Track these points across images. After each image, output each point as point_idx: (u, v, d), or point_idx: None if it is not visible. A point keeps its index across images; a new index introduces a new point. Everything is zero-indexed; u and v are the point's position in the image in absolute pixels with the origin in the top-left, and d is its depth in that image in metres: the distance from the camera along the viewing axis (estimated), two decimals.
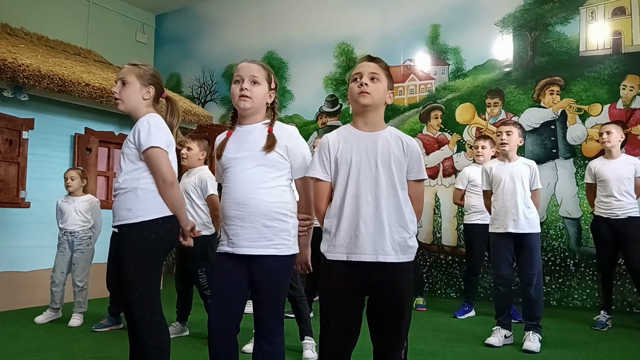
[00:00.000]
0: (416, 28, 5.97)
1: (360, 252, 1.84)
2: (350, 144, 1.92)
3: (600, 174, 4.07)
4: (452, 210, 5.59)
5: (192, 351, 3.29)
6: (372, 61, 1.95)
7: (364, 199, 1.85)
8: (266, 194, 1.96)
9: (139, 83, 2.28)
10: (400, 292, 1.87)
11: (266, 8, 7.11)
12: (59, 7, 6.76)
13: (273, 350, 1.96)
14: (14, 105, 4.58)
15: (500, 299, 3.55)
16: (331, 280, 1.91)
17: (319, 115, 6.48)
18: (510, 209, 3.44)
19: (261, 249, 1.94)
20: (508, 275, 3.51)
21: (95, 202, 4.18)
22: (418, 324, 4.14)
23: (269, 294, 1.96)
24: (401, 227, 1.86)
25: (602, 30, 5.02)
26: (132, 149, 2.21)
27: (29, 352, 3.21)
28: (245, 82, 2.00)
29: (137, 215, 2.15)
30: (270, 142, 1.98)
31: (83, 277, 4.07)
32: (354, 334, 1.91)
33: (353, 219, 1.86)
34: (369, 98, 1.89)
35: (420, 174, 1.92)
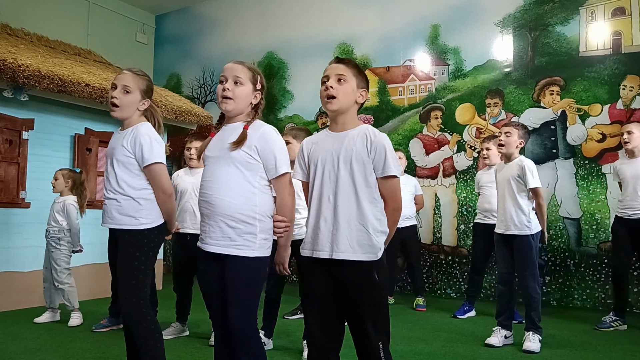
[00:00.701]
0: (416, 28, 5.97)
1: (320, 249, 1.89)
2: (321, 145, 1.97)
3: (620, 173, 4.12)
4: (452, 211, 5.59)
5: (192, 351, 3.29)
6: (339, 62, 1.98)
7: (325, 197, 1.90)
8: (232, 195, 1.95)
9: (140, 95, 2.37)
10: (361, 293, 1.85)
11: (266, 8, 7.12)
12: (59, 7, 6.76)
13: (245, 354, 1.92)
14: (14, 106, 4.58)
15: (500, 297, 3.57)
16: (303, 276, 2.00)
17: (319, 116, 6.49)
18: (501, 210, 3.53)
19: (223, 247, 1.95)
20: (506, 273, 3.53)
21: (67, 204, 4.09)
22: (418, 324, 4.15)
23: (233, 294, 1.94)
24: (361, 225, 1.85)
25: (602, 30, 5.02)
26: (130, 159, 2.30)
27: (29, 352, 3.21)
28: (228, 83, 2.02)
29: (140, 223, 2.29)
30: (240, 138, 1.97)
31: (57, 276, 4.01)
32: (335, 328, 1.92)
33: (316, 217, 1.91)
34: (335, 103, 1.92)
35: (386, 171, 1.87)
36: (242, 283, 1.95)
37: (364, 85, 1.99)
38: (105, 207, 2.36)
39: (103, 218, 2.38)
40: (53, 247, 4.07)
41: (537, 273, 3.43)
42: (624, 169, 4.08)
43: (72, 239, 4.13)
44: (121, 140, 2.33)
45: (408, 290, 5.56)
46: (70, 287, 4.07)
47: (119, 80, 2.35)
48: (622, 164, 4.14)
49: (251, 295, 1.97)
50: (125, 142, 2.30)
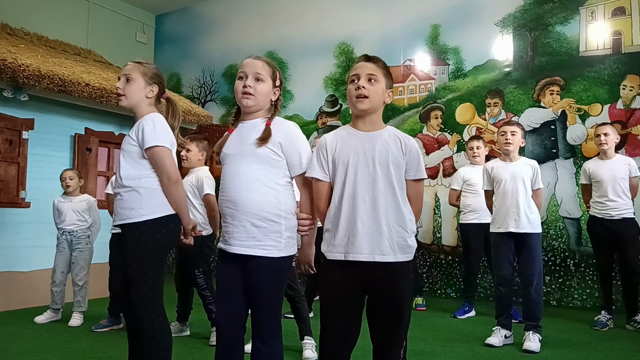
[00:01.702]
0: (416, 28, 5.96)
1: (357, 252, 1.83)
2: (348, 144, 1.90)
3: (595, 175, 4.08)
4: (452, 210, 5.58)
5: (192, 351, 3.29)
6: (369, 61, 1.93)
7: (361, 198, 1.84)
8: (257, 193, 1.91)
9: (143, 81, 2.29)
10: (398, 292, 1.87)
11: (266, 8, 7.11)
12: (59, 7, 6.76)
13: (269, 352, 1.93)
14: (14, 105, 4.59)
15: (500, 299, 3.54)
16: (330, 280, 1.90)
17: (319, 115, 6.48)
18: (512, 208, 3.44)
19: (249, 249, 1.90)
20: (508, 275, 3.51)
21: (92, 202, 4.20)
22: (418, 324, 4.14)
23: (261, 294, 1.93)
24: (400, 227, 1.85)
25: (602, 30, 5.02)
26: (133, 146, 2.22)
27: (29, 352, 3.21)
28: (248, 79, 1.98)
29: (140, 214, 2.17)
30: (265, 134, 1.93)
31: (83, 276, 4.08)
32: (353, 334, 1.90)
33: (350, 219, 1.85)
34: (366, 103, 1.88)
35: (419, 174, 1.89)
36: (269, 285, 1.93)
37: (391, 85, 1.97)
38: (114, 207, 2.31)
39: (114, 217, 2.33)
40: (82, 246, 4.10)
41: (542, 271, 3.45)
42: (600, 171, 4.05)
43: (94, 235, 4.21)
44: (129, 133, 2.28)
45: None
46: (87, 285, 4.14)
47: (121, 71, 2.33)
48: (596, 166, 4.10)
49: (277, 296, 1.96)
50: (132, 131, 2.25)
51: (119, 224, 2.23)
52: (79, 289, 4.08)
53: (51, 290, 4.10)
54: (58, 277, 4.09)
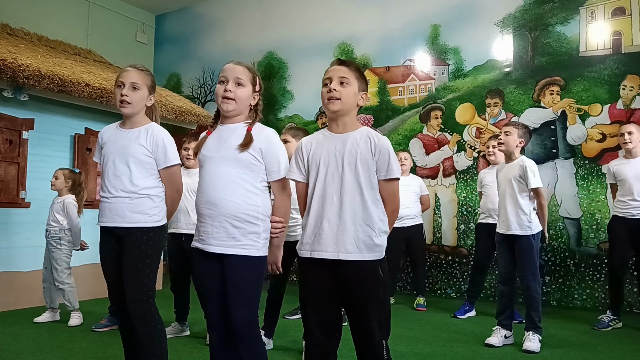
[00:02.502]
0: (416, 28, 5.96)
1: (322, 250, 1.88)
2: (322, 145, 1.97)
3: (619, 174, 4.08)
4: (452, 211, 5.59)
5: (192, 351, 3.29)
6: (342, 65, 1.98)
7: (329, 198, 1.89)
8: (237, 195, 1.97)
9: (147, 90, 2.39)
10: (364, 290, 1.88)
11: (266, 8, 7.11)
12: (59, 7, 6.76)
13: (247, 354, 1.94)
14: (14, 105, 4.58)
15: (501, 296, 3.57)
16: (303, 278, 1.98)
17: (319, 115, 6.48)
18: (502, 210, 3.52)
19: (229, 248, 1.96)
20: (506, 273, 3.53)
21: (67, 203, 4.09)
22: (418, 324, 4.15)
23: (237, 294, 1.95)
24: (367, 226, 1.87)
25: (602, 30, 5.02)
26: (149, 158, 2.32)
27: (28, 352, 3.21)
28: (229, 84, 2.02)
29: (154, 220, 2.30)
30: (246, 141, 1.99)
31: (58, 276, 4.01)
32: (334, 330, 1.93)
33: (318, 218, 1.90)
34: (337, 104, 1.92)
35: (390, 173, 1.91)
36: (247, 282, 1.96)
37: (365, 87, 2.00)
38: (109, 206, 2.30)
39: (106, 217, 2.31)
40: (54, 247, 4.06)
41: (537, 273, 3.43)
42: (623, 170, 4.05)
43: (73, 237, 4.12)
44: (135, 139, 2.32)
45: (408, 290, 5.56)
46: (71, 287, 4.07)
47: (125, 77, 2.34)
48: (620, 165, 4.11)
49: (254, 294, 1.99)
50: (144, 141, 2.32)
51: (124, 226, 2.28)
52: (58, 289, 4.04)
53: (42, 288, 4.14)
54: (44, 273, 4.13)
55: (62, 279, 4.03)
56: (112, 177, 2.32)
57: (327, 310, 1.92)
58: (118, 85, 2.36)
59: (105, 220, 2.33)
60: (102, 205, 2.35)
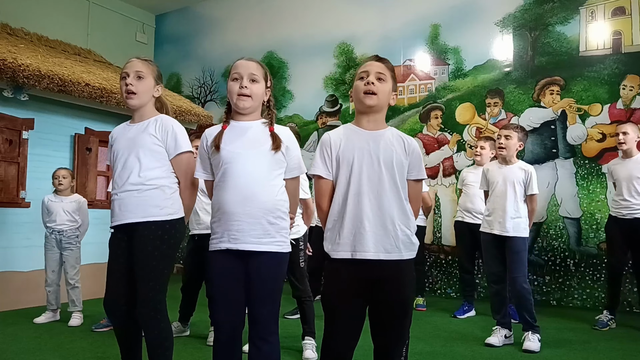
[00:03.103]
0: (416, 28, 5.96)
1: (365, 250, 1.83)
2: (353, 142, 1.90)
3: (614, 173, 4.12)
4: (452, 210, 5.58)
5: (192, 351, 3.29)
6: (379, 61, 1.94)
7: (367, 197, 1.84)
8: (271, 191, 1.99)
9: (153, 79, 2.30)
10: (404, 290, 1.88)
11: (266, 8, 7.11)
12: (59, 7, 6.76)
13: (270, 349, 1.95)
14: (14, 105, 4.58)
15: (494, 296, 3.57)
16: (336, 279, 1.89)
17: (319, 115, 6.48)
18: (499, 211, 3.48)
19: (265, 245, 1.95)
20: (498, 272, 3.53)
21: (82, 202, 4.17)
22: (418, 324, 4.14)
23: (269, 291, 1.96)
24: (404, 225, 1.87)
25: (602, 30, 5.02)
26: (160, 147, 2.22)
27: (28, 352, 3.21)
28: (244, 80, 2.00)
29: (167, 213, 2.18)
30: (278, 142, 2.00)
31: (74, 275, 4.07)
32: (357, 333, 1.90)
33: (356, 217, 1.84)
34: (374, 99, 1.88)
35: (420, 174, 1.93)
36: (277, 278, 1.99)
37: (396, 88, 1.99)
38: (119, 202, 2.20)
39: (115, 215, 2.21)
40: (73, 245, 4.09)
41: (527, 274, 3.46)
42: (618, 169, 4.08)
43: (82, 235, 4.21)
44: (145, 130, 2.23)
45: None
46: (79, 285, 4.13)
47: (129, 67, 2.26)
48: (615, 165, 4.14)
49: (280, 292, 2.03)
50: (153, 131, 2.22)
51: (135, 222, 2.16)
52: (72, 288, 4.07)
53: (46, 291, 4.08)
54: (50, 276, 4.07)
55: (77, 277, 4.10)
56: (122, 172, 2.22)
57: (356, 313, 1.87)
58: (123, 77, 2.26)
59: (116, 218, 2.21)
60: (112, 204, 2.25)
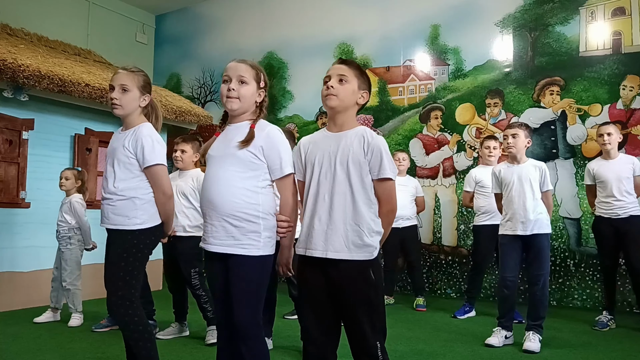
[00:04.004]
0: (416, 28, 5.96)
1: (313, 248, 1.90)
2: (319, 144, 1.98)
3: (600, 175, 4.08)
4: (452, 211, 5.58)
5: (192, 351, 3.29)
6: (342, 63, 1.99)
7: (321, 197, 1.91)
8: (236, 194, 1.95)
9: (137, 91, 2.38)
10: (355, 291, 1.87)
11: (266, 8, 7.12)
12: (59, 7, 6.76)
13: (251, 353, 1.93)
14: (14, 106, 4.58)
15: (504, 301, 3.53)
16: (298, 275, 2.00)
17: (319, 116, 6.48)
18: (519, 211, 3.43)
19: (228, 247, 1.95)
20: (513, 278, 3.49)
21: (73, 203, 4.10)
22: (418, 324, 4.15)
23: (239, 293, 1.94)
24: (356, 225, 1.87)
25: (602, 30, 5.02)
26: (130, 159, 2.31)
27: (29, 352, 3.21)
28: (232, 82, 2.01)
29: (134, 223, 2.29)
30: (248, 137, 1.98)
31: (66, 277, 4.03)
32: (331, 326, 1.92)
33: (311, 216, 1.92)
34: (334, 100, 1.94)
35: (382, 173, 1.89)
36: (247, 282, 1.95)
37: (366, 87, 2.00)
38: (102, 208, 2.38)
39: (101, 218, 2.40)
40: (64, 247, 4.09)
41: (549, 273, 3.46)
42: (603, 171, 4.05)
43: (84, 236, 4.15)
44: (122, 141, 2.34)
45: (408, 290, 5.56)
46: (77, 290, 4.09)
47: (115, 80, 2.37)
48: (600, 166, 4.09)
49: (256, 294, 1.98)
50: (127, 142, 2.32)
51: (109, 228, 2.35)
52: (66, 291, 4.05)
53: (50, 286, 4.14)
54: (54, 272, 4.14)
55: (70, 279, 4.05)
56: (104, 180, 2.40)
57: (323, 309, 1.91)
58: (110, 89, 2.39)
59: (101, 221, 2.40)
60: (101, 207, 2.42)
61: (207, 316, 3.53)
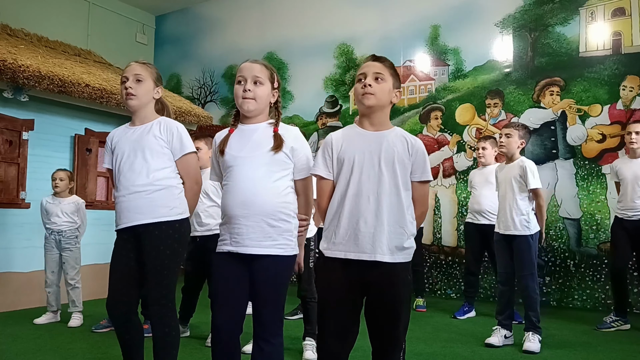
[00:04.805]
0: (416, 28, 5.97)
1: (359, 251, 1.83)
2: (354, 142, 1.91)
3: (620, 173, 4.09)
4: (452, 211, 5.59)
5: (192, 352, 3.28)
6: (376, 61, 1.94)
7: (365, 197, 1.84)
8: (272, 194, 1.96)
9: (152, 82, 2.35)
10: (396, 293, 1.86)
11: (266, 8, 7.12)
12: (59, 7, 6.76)
13: (272, 350, 1.95)
14: (14, 106, 4.58)
15: (501, 296, 3.59)
16: (329, 279, 1.90)
17: (319, 116, 6.48)
18: (502, 210, 3.53)
19: (266, 248, 1.94)
20: (506, 273, 3.54)
21: (81, 204, 4.19)
22: (418, 324, 4.15)
23: (272, 293, 1.95)
24: (400, 228, 1.85)
25: (601, 30, 5.02)
26: (165, 148, 2.27)
27: (28, 353, 3.21)
28: (248, 83, 2.00)
29: (177, 212, 2.23)
30: (278, 142, 1.98)
31: (74, 275, 4.09)
32: (352, 334, 1.90)
33: (353, 217, 1.84)
34: (372, 99, 1.88)
35: (424, 175, 1.90)
36: (280, 282, 1.97)
37: (398, 85, 1.97)
38: (127, 205, 2.21)
39: (124, 217, 2.22)
40: (72, 245, 4.10)
41: (535, 273, 3.43)
42: (623, 169, 4.05)
43: (81, 236, 4.23)
44: (150, 132, 2.26)
45: None
46: (80, 286, 4.14)
47: (128, 71, 2.31)
48: (621, 164, 4.10)
49: (285, 293, 2.01)
50: (158, 132, 2.27)
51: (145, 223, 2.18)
52: (72, 288, 4.08)
53: (46, 293, 4.09)
54: (49, 277, 4.08)
55: (78, 277, 4.12)
56: (129, 174, 2.23)
57: (349, 314, 1.87)
58: (122, 82, 2.32)
59: (124, 220, 2.22)
60: (118, 207, 2.25)
61: None
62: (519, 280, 3.45)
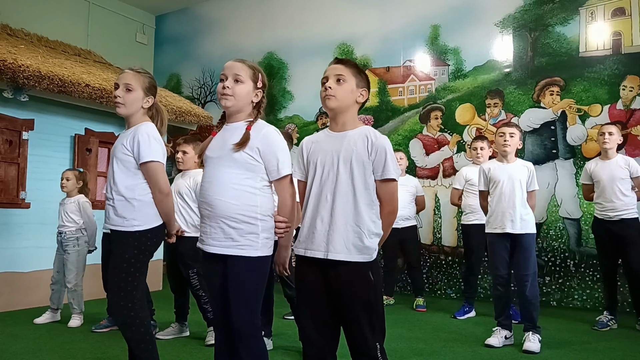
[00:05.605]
0: (416, 28, 5.97)
1: (314, 249, 1.89)
2: (322, 144, 1.98)
3: (595, 175, 4.09)
4: (452, 211, 5.58)
5: (192, 351, 3.29)
6: (338, 63, 2.00)
7: (324, 197, 1.90)
8: (233, 196, 1.94)
9: (142, 91, 2.39)
10: (355, 293, 1.86)
11: (266, 8, 7.12)
12: (59, 7, 6.76)
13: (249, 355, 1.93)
14: (14, 106, 4.58)
15: (499, 299, 3.55)
16: (297, 275, 2.00)
17: (319, 116, 6.48)
18: (508, 209, 3.45)
19: (227, 248, 1.94)
20: (506, 275, 3.51)
21: (82, 203, 4.13)
22: (418, 324, 4.15)
23: (239, 294, 1.93)
24: (357, 226, 1.86)
25: (602, 30, 5.02)
26: (128, 156, 2.32)
27: (28, 353, 3.21)
28: (228, 81, 2.01)
29: (132, 224, 2.29)
30: (243, 139, 1.96)
31: (72, 278, 4.03)
32: (330, 328, 1.92)
33: (312, 217, 1.92)
34: (334, 101, 1.94)
35: (385, 174, 1.89)
36: (245, 282, 1.94)
37: (364, 85, 1.99)
38: (105, 208, 2.39)
39: (105, 221, 2.41)
40: (71, 247, 4.06)
41: (537, 272, 3.46)
42: (598, 171, 4.06)
43: (89, 237, 4.16)
44: (122, 139, 2.36)
45: (408, 291, 5.56)
46: (81, 290, 4.10)
47: (120, 79, 2.38)
48: (596, 166, 4.10)
49: (254, 295, 1.97)
50: (126, 140, 2.33)
51: (109, 229, 2.35)
52: (70, 292, 4.05)
53: (50, 289, 4.12)
54: (55, 276, 4.11)
55: (77, 281, 4.06)
56: (108, 180, 2.41)
57: (322, 310, 1.91)
58: (115, 87, 2.40)
59: (105, 222, 2.40)
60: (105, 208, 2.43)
61: (207, 317, 3.53)
62: (522, 279, 3.42)
